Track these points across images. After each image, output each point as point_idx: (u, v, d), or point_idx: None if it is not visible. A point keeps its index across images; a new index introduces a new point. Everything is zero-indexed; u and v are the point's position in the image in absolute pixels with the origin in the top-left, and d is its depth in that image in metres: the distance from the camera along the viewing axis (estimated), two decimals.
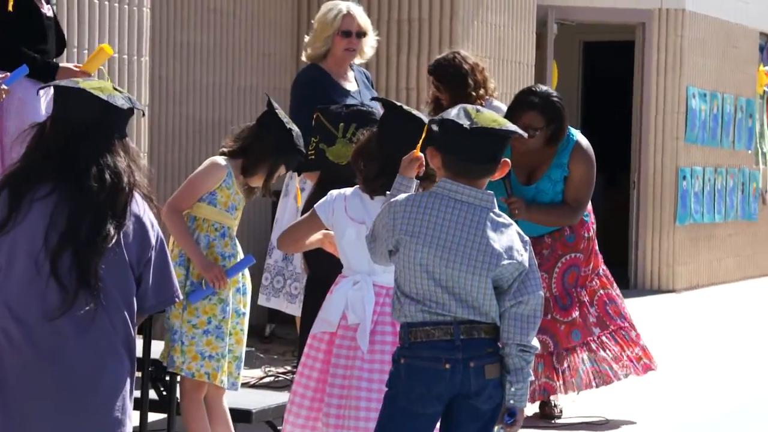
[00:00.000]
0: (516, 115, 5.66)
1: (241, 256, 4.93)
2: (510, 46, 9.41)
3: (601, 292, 6.14)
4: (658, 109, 11.63)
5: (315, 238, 4.43)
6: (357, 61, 6.49)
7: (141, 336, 5.11)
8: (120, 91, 3.49)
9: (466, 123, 3.50)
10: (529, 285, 3.55)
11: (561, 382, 6.01)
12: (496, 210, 3.58)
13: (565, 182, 5.91)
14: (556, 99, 5.86)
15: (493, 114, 3.60)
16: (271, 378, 6.82)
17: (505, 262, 3.50)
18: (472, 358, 3.53)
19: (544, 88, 6.02)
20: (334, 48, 6.26)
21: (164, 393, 5.12)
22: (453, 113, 3.54)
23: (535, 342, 3.61)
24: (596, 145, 6.28)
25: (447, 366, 3.52)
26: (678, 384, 6.92)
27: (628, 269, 11.76)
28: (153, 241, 3.47)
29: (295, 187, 6.49)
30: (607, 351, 6.08)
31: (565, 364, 6.02)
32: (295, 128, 4.86)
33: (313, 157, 5.17)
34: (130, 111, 3.49)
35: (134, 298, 3.50)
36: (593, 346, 6.08)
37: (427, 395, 3.55)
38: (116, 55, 6.36)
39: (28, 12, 5.12)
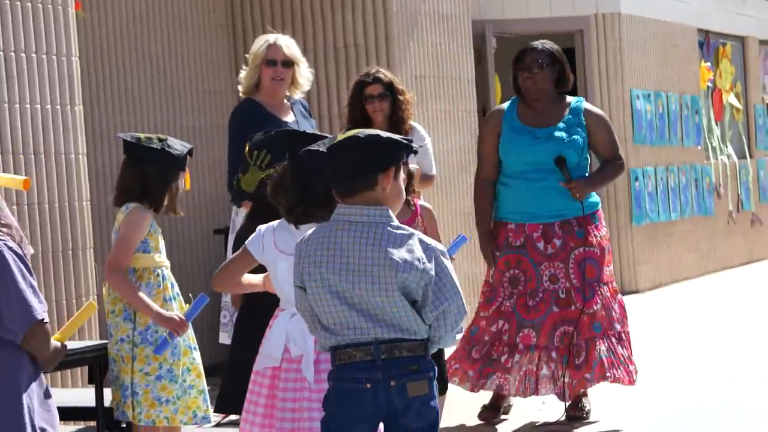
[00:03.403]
0: (521, 61, 6.34)
1: (179, 292, 4.94)
2: (449, 63, 9.45)
3: (620, 296, 6.34)
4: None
5: (255, 280, 4.40)
6: (297, 95, 6.49)
7: (92, 385, 5.10)
8: None
9: (321, 148, 3.58)
10: (445, 291, 3.54)
11: (575, 381, 6.13)
12: (394, 223, 3.58)
13: (590, 147, 6.31)
14: (551, 45, 6.44)
15: (352, 132, 3.62)
16: (237, 416, 6.77)
17: (405, 273, 3.50)
18: (393, 377, 3.53)
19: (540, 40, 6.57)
20: (262, 77, 6.33)
21: None
22: (314, 145, 3.67)
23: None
24: None
25: (368, 386, 3.53)
26: (652, 384, 6.93)
27: None
28: None
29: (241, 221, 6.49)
30: (624, 349, 6.23)
31: (582, 358, 6.15)
32: (155, 136, 4.91)
33: (235, 187, 5.21)
34: None
35: None
36: (613, 339, 6.21)
37: (352, 416, 3.57)
38: (49, 105, 6.34)
39: None
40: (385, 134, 3.62)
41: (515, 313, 6.20)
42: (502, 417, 6.42)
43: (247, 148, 5.00)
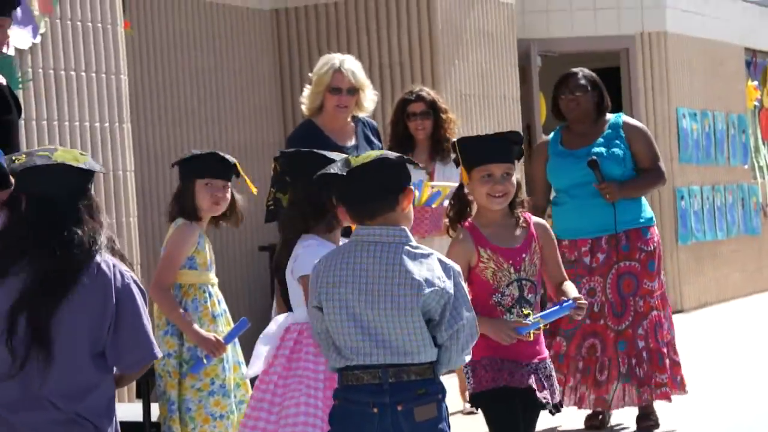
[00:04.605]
0: (566, 84, 6.54)
1: (226, 309, 4.96)
2: (494, 81, 9.46)
3: (656, 312, 6.40)
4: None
5: None
6: (362, 115, 6.25)
7: (140, 400, 5.14)
8: (84, 155, 3.53)
9: (342, 170, 3.57)
10: (461, 310, 3.56)
11: (594, 396, 6.34)
12: (413, 243, 3.60)
13: (633, 160, 6.41)
14: (588, 72, 6.66)
15: (371, 153, 3.66)
16: None
17: (427, 291, 3.50)
18: (400, 401, 3.54)
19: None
20: (325, 104, 6.12)
21: None
22: (331, 167, 3.62)
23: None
24: None
25: (375, 410, 3.54)
26: (695, 400, 6.91)
27: None
28: (113, 300, 3.47)
29: None
30: (639, 370, 6.34)
31: (605, 376, 6.33)
32: (214, 153, 4.94)
33: (272, 207, 5.18)
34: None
35: (93, 360, 3.48)
36: (633, 361, 6.34)
37: None
38: (98, 123, 6.41)
39: None
40: (394, 154, 3.66)
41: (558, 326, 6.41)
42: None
43: (276, 165, 5.00)
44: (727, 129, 12.76)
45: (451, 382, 7.56)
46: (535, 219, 4.38)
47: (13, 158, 3.51)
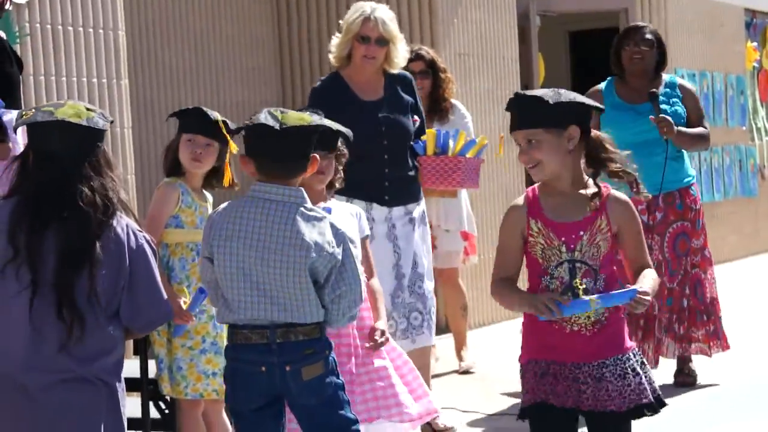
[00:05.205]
0: (631, 37, 6.61)
1: None
2: (492, 42, 9.41)
3: (697, 270, 6.58)
4: None
5: None
6: (393, 72, 5.87)
7: (137, 356, 5.14)
8: (92, 110, 3.50)
9: (275, 125, 3.57)
10: (346, 276, 3.62)
11: (652, 353, 6.48)
12: (308, 205, 3.66)
13: (686, 119, 6.48)
14: (653, 28, 6.77)
15: (298, 113, 3.68)
16: None
17: (315, 254, 3.57)
18: (288, 361, 3.61)
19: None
20: (353, 53, 5.78)
21: (166, 412, 5.14)
22: (261, 117, 3.61)
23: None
24: None
25: (263, 369, 3.61)
26: (696, 359, 6.95)
27: None
28: (127, 261, 3.47)
29: None
30: (680, 327, 6.51)
31: (661, 333, 6.50)
32: (198, 108, 4.86)
33: None
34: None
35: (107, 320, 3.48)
36: (674, 317, 6.50)
37: (248, 396, 3.66)
38: (95, 79, 6.39)
39: None
40: (333, 124, 3.71)
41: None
42: None
43: None
44: (725, 90, 12.73)
45: (447, 342, 7.59)
46: (614, 193, 3.68)
47: (23, 113, 3.50)
